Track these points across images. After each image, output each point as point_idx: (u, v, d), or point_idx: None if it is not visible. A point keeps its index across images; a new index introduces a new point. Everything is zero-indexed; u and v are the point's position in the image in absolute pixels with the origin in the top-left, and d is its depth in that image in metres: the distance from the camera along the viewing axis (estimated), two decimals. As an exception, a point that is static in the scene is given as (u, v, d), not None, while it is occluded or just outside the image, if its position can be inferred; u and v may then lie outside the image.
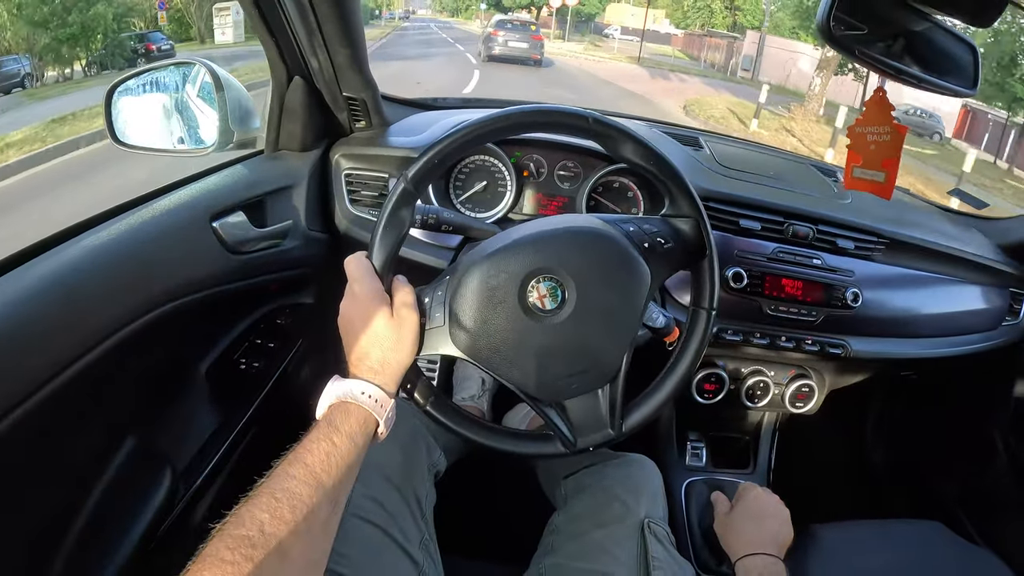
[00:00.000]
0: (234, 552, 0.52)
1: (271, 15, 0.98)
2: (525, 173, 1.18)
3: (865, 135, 0.93)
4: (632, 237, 0.79)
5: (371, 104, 1.16)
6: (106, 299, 0.76)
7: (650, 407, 0.82)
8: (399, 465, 0.93)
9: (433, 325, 0.76)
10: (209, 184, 1.01)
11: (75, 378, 0.69)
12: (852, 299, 1.16)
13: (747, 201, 1.15)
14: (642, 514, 0.94)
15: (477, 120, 0.77)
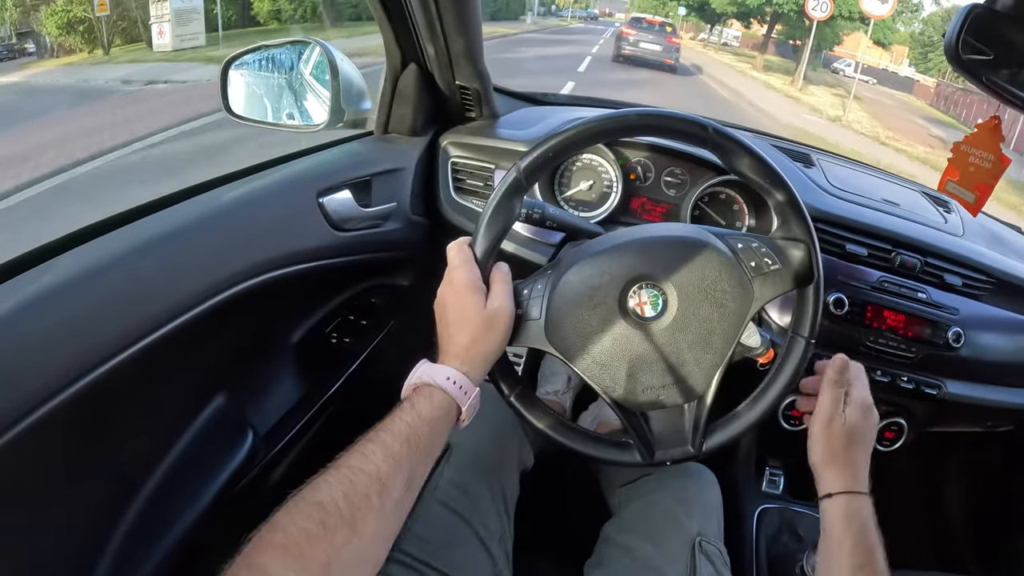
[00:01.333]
0: (308, 519, 0.54)
1: (391, 1, 0.99)
2: (632, 176, 1.16)
3: (968, 155, 0.91)
4: (740, 255, 0.77)
5: (483, 94, 1.17)
6: (210, 263, 0.78)
7: (733, 430, 0.81)
8: (490, 457, 0.93)
9: (529, 318, 0.76)
10: (319, 160, 1.03)
11: (173, 334, 0.71)
12: (955, 339, 1.10)
13: (855, 225, 1.11)
14: (695, 531, 0.91)
15: (594, 118, 0.76)
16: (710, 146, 0.77)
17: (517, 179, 0.76)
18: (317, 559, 0.54)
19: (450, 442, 0.91)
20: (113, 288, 0.68)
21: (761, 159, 0.77)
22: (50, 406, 0.58)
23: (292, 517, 0.55)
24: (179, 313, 0.72)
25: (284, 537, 0.54)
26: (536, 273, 0.81)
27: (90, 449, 0.68)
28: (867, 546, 0.71)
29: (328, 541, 0.55)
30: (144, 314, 0.69)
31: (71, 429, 0.63)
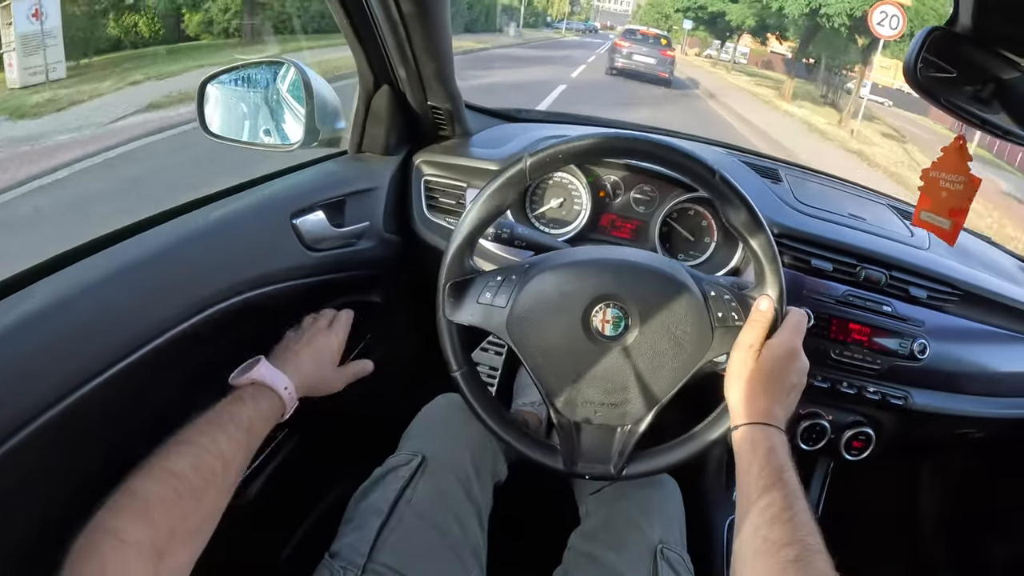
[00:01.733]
0: (164, 486, 0.62)
1: (362, 24, 1.01)
2: (601, 194, 1.18)
3: (938, 180, 0.92)
4: (710, 301, 0.80)
5: (455, 114, 1.19)
6: (183, 286, 0.79)
7: (656, 464, 0.85)
8: (465, 469, 0.95)
9: (494, 305, 0.80)
10: (293, 181, 1.05)
11: (146, 359, 0.72)
12: (919, 351, 1.13)
13: (820, 240, 1.13)
14: (656, 539, 0.93)
15: (611, 134, 0.79)
16: (712, 190, 0.80)
17: (522, 170, 0.79)
18: (166, 525, 0.60)
19: (425, 455, 0.94)
20: (84, 316, 0.68)
21: (758, 217, 0.80)
22: (22, 435, 0.59)
23: (147, 483, 0.61)
24: (151, 338, 0.73)
25: (140, 503, 0.60)
26: (512, 264, 0.84)
27: (65, 474, 0.68)
28: (775, 467, 0.71)
29: (179, 509, 0.62)
30: (115, 341, 0.70)
31: (43, 459, 0.63)
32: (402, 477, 0.92)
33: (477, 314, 0.82)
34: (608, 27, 56.05)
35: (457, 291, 0.84)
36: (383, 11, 0.93)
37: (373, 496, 0.91)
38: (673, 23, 33.74)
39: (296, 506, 1.25)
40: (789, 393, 0.80)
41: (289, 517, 1.23)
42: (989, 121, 0.85)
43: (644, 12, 48.64)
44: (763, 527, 0.66)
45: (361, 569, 0.81)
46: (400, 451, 0.98)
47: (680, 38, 38.51)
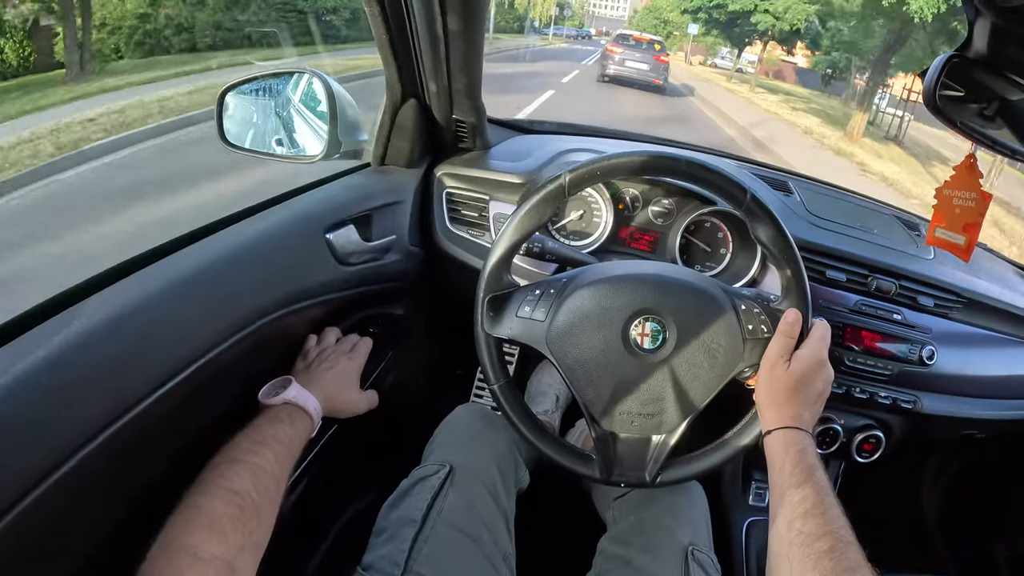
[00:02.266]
0: (228, 504, 0.65)
1: (399, 38, 1.02)
2: (621, 206, 1.20)
3: (951, 198, 0.95)
4: (741, 315, 0.84)
5: (478, 127, 1.20)
6: (223, 304, 0.80)
7: (689, 471, 0.88)
8: (492, 478, 0.97)
9: (534, 319, 0.83)
10: (324, 196, 1.05)
11: (187, 380, 0.72)
12: (928, 356, 1.17)
13: (835, 252, 1.17)
14: (686, 541, 0.96)
15: (650, 152, 0.82)
16: (743, 209, 0.83)
17: (562, 185, 0.82)
18: (236, 541, 0.62)
19: (452, 464, 0.96)
20: (134, 335, 0.68)
21: (785, 235, 0.83)
22: (84, 453, 0.59)
23: (213, 502, 0.63)
24: (199, 356, 0.74)
25: (209, 519, 0.62)
26: (551, 278, 0.87)
27: (124, 492, 0.69)
28: (806, 467, 0.75)
29: (244, 525, 0.64)
30: (166, 359, 0.70)
31: (98, 480, 0.64)
32: (432, 487, 0.93)
33: (516, 328, 0.84)
34: (604, 33, 51.85)
35: (496, 305, 0.86)
36: (427, 28, 0.94)
37: (403, 507, 0.92)
38: (674, 28, 31.99)
39: (321, 519, 1.25)
40: (817, 400, 0.84)
41: (315, 530, 1.23)
42: (996, 140, 0.89)
43: (640, 17, 45.06)
44: (797, 521, 0.70)
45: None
46: (426, 462, 1.00)
47: (681, 44, 35.45)
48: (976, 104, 0.92)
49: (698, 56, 38.16)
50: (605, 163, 0.82)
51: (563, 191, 0.82)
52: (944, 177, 0.93)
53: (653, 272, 0.84)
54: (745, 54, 30.22)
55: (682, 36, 31.85)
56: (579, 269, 0.89)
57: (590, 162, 0.82)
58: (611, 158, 0.82)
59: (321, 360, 0.96)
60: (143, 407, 0.66)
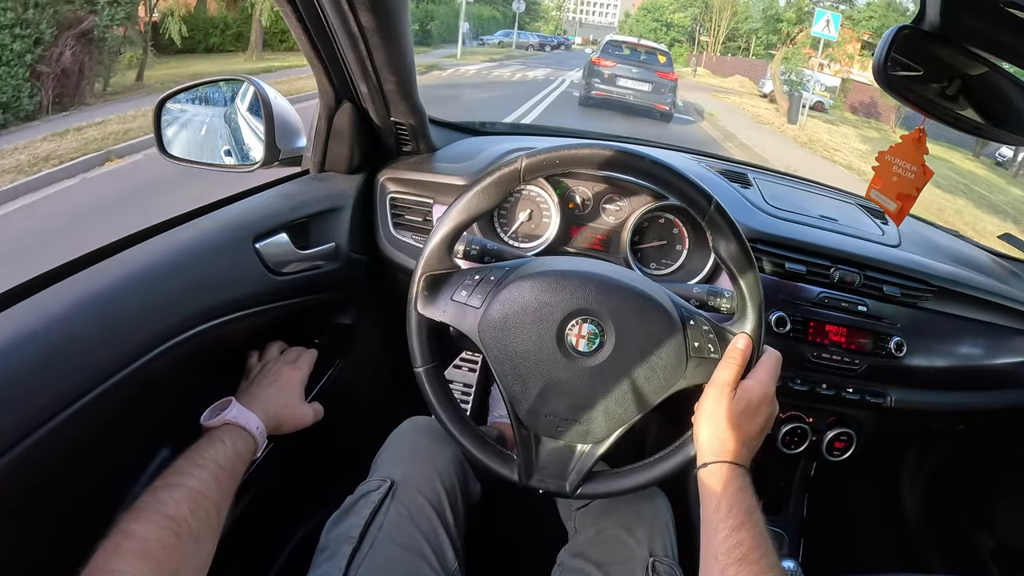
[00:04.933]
0: (163, 530, 0.64)
1: (321, 40, 0.98)
2: (570, 205, 1.16)
3: (892, 164, 0.95)
4: (688, 330, 0.79)
5: (419, 129, 1.16)
6: (146, 316, 0.77)
7: (611, 487, 0.84)
8: (435, 491, 0.94)
9: (469, 304, 0.79)
10: (254, 204, 1.02)
11: (111, 392, 0.70)
12: (896, 348, 1.13)
13: (793, 244, 1.13)
14: (646, 553, 0.93)
15: (613, 147, 0.78)
16: (705, 218, 0.78)
17: (516, 170, 0.78)
18: (169, 567, 0.62)
19: (394, 479, 0.93)
20: (45, 350, 0.66)
21: (748, 254, 0.78)
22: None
23: (148, 528, 0.63)
24: (116, 371, 0.71)
25: (142, 545, 0.61)
26: (493, 265, 0.83)
27: (35, 510, 0.67)
28: (744, 508, 0.71)
29: (179, 551, 0.63)
30: (81, 375, 0.68)
31: (13, 491, 0.62)
32: (372, 503, 0.90)
33: (450, 311, 0.80)
34: (592, 42, 39.47)
35: (432, 285, 0.82)
36: (342, 25, 0.90)
37: (344, 524, 0.89)
38: (680, 34, 26.57)
39: (270, 538, 1.22)
40: (758, 436, 0.79)
41: (265, 549, 1.20)
42: (960, 117, 0.86)
43: (635, 22, 36.50)
44: (732, 567, 0.66)
45: None
46: (371, 477, 0.97)
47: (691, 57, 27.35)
48: (936, 83, 0.88)
49: (735, 76, 28.14)
50: (565, 152, 0.77)
51: (517, 176, 0.78)
52: None
53: (598, 272, 0.80)
54: (820, 76, 21.18)
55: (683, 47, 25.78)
56: (524, 260, 0.85)
57: (549, 149, 0.77)
58: (572, 147, 0.77)
59: (264, 375, 0.94)
60: (53, 424, 0.64)
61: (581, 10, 65.07)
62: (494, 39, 30.35)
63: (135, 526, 0.62)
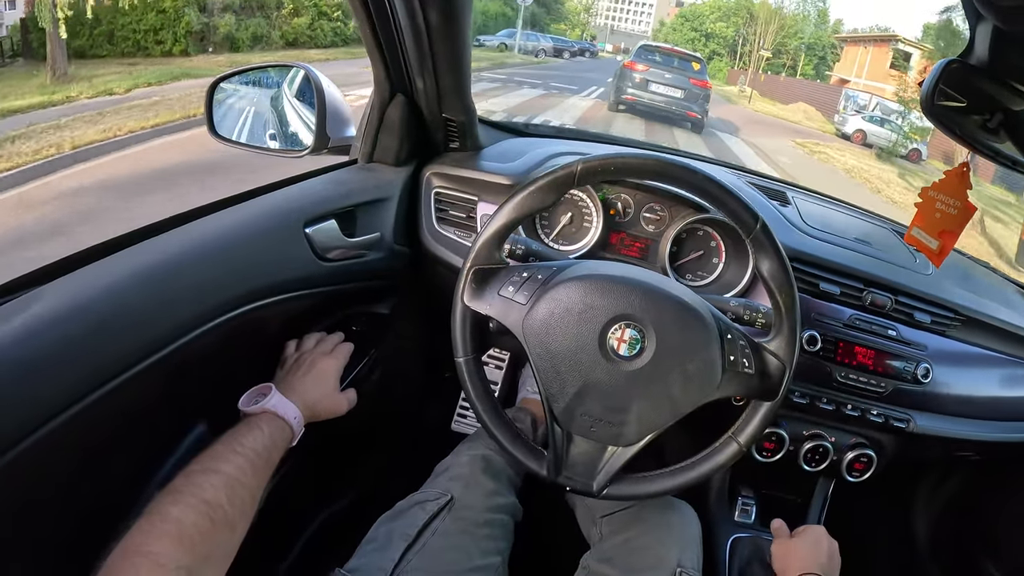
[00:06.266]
0: (200, 515, 0.63)
1: (384, 32, 1.00)
2: (611, 211, 1.18)
3: (935, 201, 0.93)
4: (725, 343, 0.80)
5: (468, 127, 1.18)
6: (197, 293, 0.78)
7: (638, 490, 0.85)
8: (492, 519, 0.99)
9: (515, 300, 0.80)
10: (305, 189, 1.03)
11: (159, 364, 0.71)
12: (923, 375, 1.14)
13: (829, 264, 1.14)
14: (675, 562, 0.94)
15: (667, 159, 0.80)
16: (750, 236, 0.80)
17: (571, 173, 0.79)
18: (203, 552, 0.62)
19: (453, 495, 0.98)
20: (103, 318, 0.67)
21: (788, 273, 0.81)
22: (34, 437, 0.58)
23: (183, 511, 0.62)
24: (167, 343, 0.73)
25: (177, 528, 0.60)
26: (541, 264, 0.84)
27: (73, 480, 0.68)
28: None
29: (214, 537, 0.63)
30: (133, 344, 0.69)
31: (56, 459, 0.63)
32: (429, 511, 0.95)
33: (496, 306, 0.81)
34: (622, 50, 38.30)
35: (480, 279, 0.83)
36: (409, 20, 0.92)
37: (399, 523, 0.94)
38: (720, 45, 23.10)
39: (296, 519, 1.23)
40: None
41: (289, 530, 1.21)
42: (999, 151, 0.87)
43: (671, 30, 34.12)
44: None
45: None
46: (428, 487, 1.02)
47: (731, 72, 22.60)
48: (978, 115, 0.89)
49: (800, 105, 22.48)
50: (620, 160, 0.79)
51: (572, 179, 0.79)
52: None
53: (644, 279, 0.81)
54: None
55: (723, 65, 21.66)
56: (571, 261, 0.87)
57: (605, 156, 0.79)
58: (627, 156, 0.79)
59: (301, 364, 0.95)
60: (104, 391, 0.65)
61: (613, 16, 60.90)
62: (494, 40, 25.26)
63: (172, 508, 0.62)
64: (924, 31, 21.50)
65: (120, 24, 11.59)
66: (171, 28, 11.99)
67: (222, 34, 12.85)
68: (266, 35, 14.05)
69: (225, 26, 12.84)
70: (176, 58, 11.84)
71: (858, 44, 25.51)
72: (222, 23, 12.62)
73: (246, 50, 13.23)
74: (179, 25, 11.98)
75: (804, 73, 28.82)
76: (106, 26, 11.53)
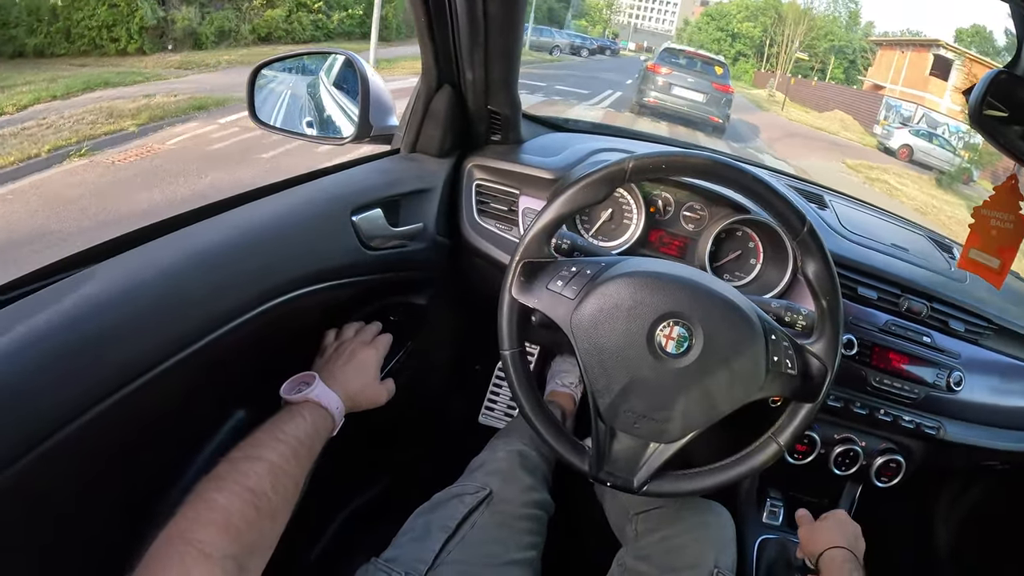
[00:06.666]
0: (245, 504, 0.62)
1: (438, 22, 1.00)
2: (652, 209, 1.18)
3: (989, 219, 0.92)
4: (770, 344, 0.81)
5: (512, 120, 1.18)
6: (248, 277, 0.79)
7: (679, 487, 0.85)
8: (529, 513, 1.00)
9: (563, 294, 0.80)
10: (351, 178, 1.03)
11: (206, 348, 0.71)
12: (956, 382, 1.14)
13: (867, 269, 1.14)
14: (712, 562, 0.95)
15: (719, 159, 0.80)
16: (797, 239, 0.80)
17: (623, 170, 0.80)
18: (249, 541, 0.60)
19: (492, 489, 0.99)
20: (156, 298, 0.68)
21: (833, 277, 0.81)
22: (85, 418, 0.58)
23: (229, 499, 0.62)
24: (216, 327, 0.72)
25: (224, 517, 0.60)
26: (589, 259, 0.84)
27: (119, 460, 0.67)
28: None
29: (258, 526, 0.63)
30: (183, 327, 0.69)
31: (103, 441, 0.63)
32: (468, 504, 0.96)
33: (544, 299, 0.82)
34: (645, 49, 37.04)
35: (529, 272, 0.83)
36: (468, 11, 0.92)
37: (437, 515, 0.94)
38: (746, 46, 21.89)
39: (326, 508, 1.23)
40: None
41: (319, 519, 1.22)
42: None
43: (696, 30, 32.54)
44: None
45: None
46: (465, 480, 1.03)
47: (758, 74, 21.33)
48: (1020, 126, 0.89)
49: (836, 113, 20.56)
50: (671, 158, 0.79)
51: (624, 175, 0.80)
52: None
53: (693, 277, 0.82)
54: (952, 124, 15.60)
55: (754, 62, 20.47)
56: (618, 257, 0.87)
57: (657, 153, 0.80)
58: (678, 154, 0.79)
59: (340, 354, 0.94)
60: (158, 371, 0.65)
61: (636, 15, 57.51)
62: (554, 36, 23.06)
63: (217, 496, 0.61)
64: (957, 36, 21.02)
65: (75, 20, 10.36)
66: (124, 24, 10.64)
67: (180, 29, 11.41)
68: (234, 29, 12.61)
69: (184, 20, 11.39)
70: (130, 57, 10.48)
71: (894, 48, 24.46)
72: (180, 17, 11.38)
73: (210, 47, 11.86)
74: (132, 21, 10.64)
75: (834, 77, 27.31)
76: (63, 22, 10.33)
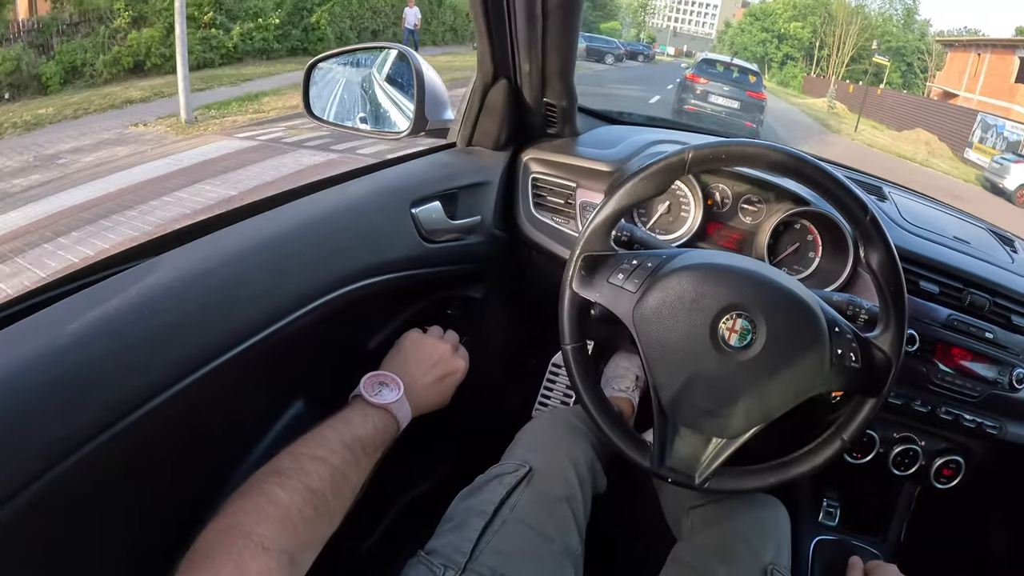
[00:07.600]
0: (306, 503, 0.63)
1: (495, 16, 1.00)
2: (709, 202, 1.16)
3: None
4: (833, 337, 0.79)
5: (568, 112, 1.18)
6: (309, 268, 0.79)
7: (741, 484, 0.84)
8: (568, 480, 0.96)
9: (625, 288, 0.79)
10: (411, 170, 1.04)
11: (269, 339, 0.72)
12: (1019, 380, 1.11)
13: (929, 262, 1.11)
14: (767, 559, 0.93)
15: (779, 148, 0.78)
16: (859, 229, 0.79)
17: (682, 160, 0.79)
18: (304, 539, 0.62)
19: (532, 466, 0.95)
20: (219, 289, 0.68)
21: (897, 266, 0.79)
22: (149, 407, 0.59)
23: (291, 496, 0.62)
24: (278, 317, 0.73)
25: (284, 513, 0.60)
26: (650, 252, 0.83)
27: (181, 450, 0.68)
28: None
29: (316, 525, 0.63)
30: (246, 317, 0.70)
31: (166, 430, 0.63)
32: (507, 484, 0.92)
33: (605, 293, 0.81)
34: (684, 53, 38.29)
35: (590, 266, 0.82)
36: (526, 4, 0.92)
37: (476, 499, 0.91)
38: (794, 48, 20.46)
39: (380, 502, 1.24)
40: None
41: (373, 512, 1.22)
42: None
43: (739, 31, 31.02)
44: None
45: (461, 569, 0.81)
46: (505, 460, 1.00)
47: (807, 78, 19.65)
48: None
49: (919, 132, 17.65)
50: (731, 148, 0.78)
51: (683, 166, 0.79)
52: None
53: (756, 270, 0.80)
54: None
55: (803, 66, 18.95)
56: (679, 249, 0.86)
57: (716, 143, 0.78)
58: (738, 144, 0.78)
59: (435, 366, 0.94)
60: (223, 360, 0.66)
61: (675, 17, 56.42)
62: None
63: (279, 491, 0.62)
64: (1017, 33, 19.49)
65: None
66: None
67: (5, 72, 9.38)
68: (89, 62, 10.48)
69: (8, 62, 9.37)
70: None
71: (967, 50, 21.95)
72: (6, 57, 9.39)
73: (55, 91, 9.95)
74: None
75: (890, 82, 25.25)
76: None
